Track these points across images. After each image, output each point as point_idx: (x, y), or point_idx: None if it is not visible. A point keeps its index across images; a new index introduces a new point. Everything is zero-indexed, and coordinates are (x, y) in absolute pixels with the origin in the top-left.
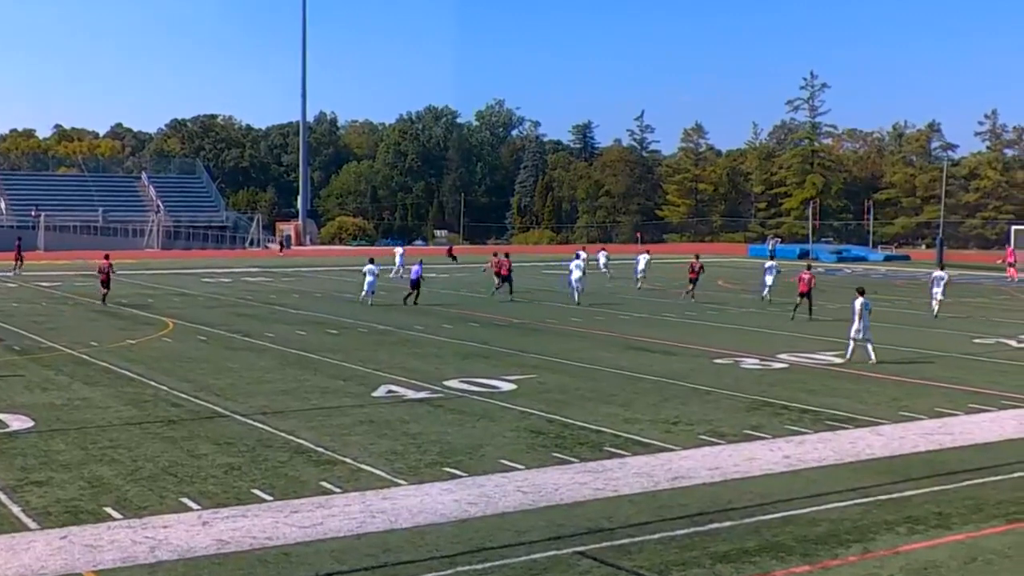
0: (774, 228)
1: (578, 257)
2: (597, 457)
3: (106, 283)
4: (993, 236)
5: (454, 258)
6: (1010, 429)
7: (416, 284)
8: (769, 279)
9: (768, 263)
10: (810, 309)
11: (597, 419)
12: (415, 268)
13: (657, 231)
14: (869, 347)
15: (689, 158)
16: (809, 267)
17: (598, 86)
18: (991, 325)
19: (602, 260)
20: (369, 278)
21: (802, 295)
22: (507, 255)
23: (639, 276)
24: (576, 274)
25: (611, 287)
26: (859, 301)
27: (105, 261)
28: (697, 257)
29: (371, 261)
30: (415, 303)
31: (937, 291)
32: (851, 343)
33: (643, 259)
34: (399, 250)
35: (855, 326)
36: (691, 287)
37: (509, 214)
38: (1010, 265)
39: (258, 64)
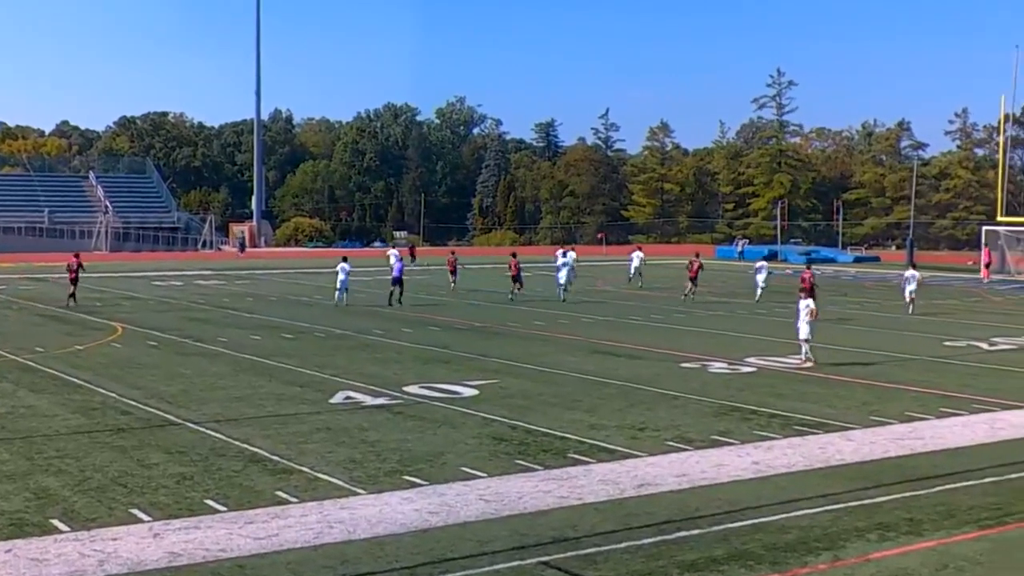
0: (742, 229)
1: (565, 255)
2: (561, 464)
3: (75, 281)
4: (964, 237)
5: (413, 258)
6: (981, 433)
7: (398, 281)
8: (760, 279)
9: (758, 263)
10: (694, 292)
11: (561, 425)
12: (397, 265)
13: (623, 232)
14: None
15: (655, 157)
16: (809, 265)
17: (562, 83)
18: (962, 327)
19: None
20: (341, 276)
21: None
22: (514, 255)
23: (632, 275)
24: (563, 272)
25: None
26: (806, 302)
27: (75, 260)
28: (697, 256)
29: (344, 260)
30: (399, 302)
31: (910, 289)
32: (804, 345)
33: (637, 257)
34: (393, 251)
35: (802, 325)
36: (691, 286)
37: (470, 215)
38: (985, 266)
39: (210, 60)
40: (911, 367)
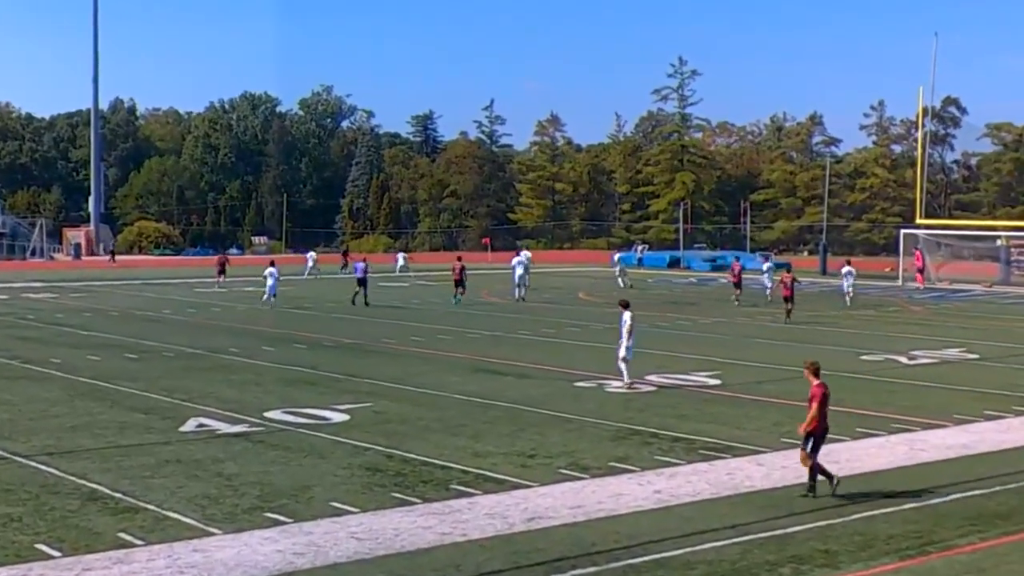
0: (641, 233)
1: (519, 254)
2: (443, 497)
3: None
4: (881, 241)
5: (223, 273)
6: (901, 455)
7: (362, 282)
8: (768, 280)
9: (765, 265)
10: (790, 312)
11: (443, 453)
12: (359, 265)
13: (510, 236)
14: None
15: (545, 154)
16: (789, 270)
17: (440, 72)
18: (880, 340)
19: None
20: (270, 281)
21: (786, 299)
22: (459, 258)
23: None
24: (519, 271)
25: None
26: (627, 315)
27: None
28: (738, 258)
29: (272, 264)
30: (366, 303)
31: (848, 284)
32: (623, 365)
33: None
34: (312, 254)
35: (625, 344)
36: (739, 291)
37: (339, 218)
38: (919, 271)
39: (41, 43)
40: (826, 383)
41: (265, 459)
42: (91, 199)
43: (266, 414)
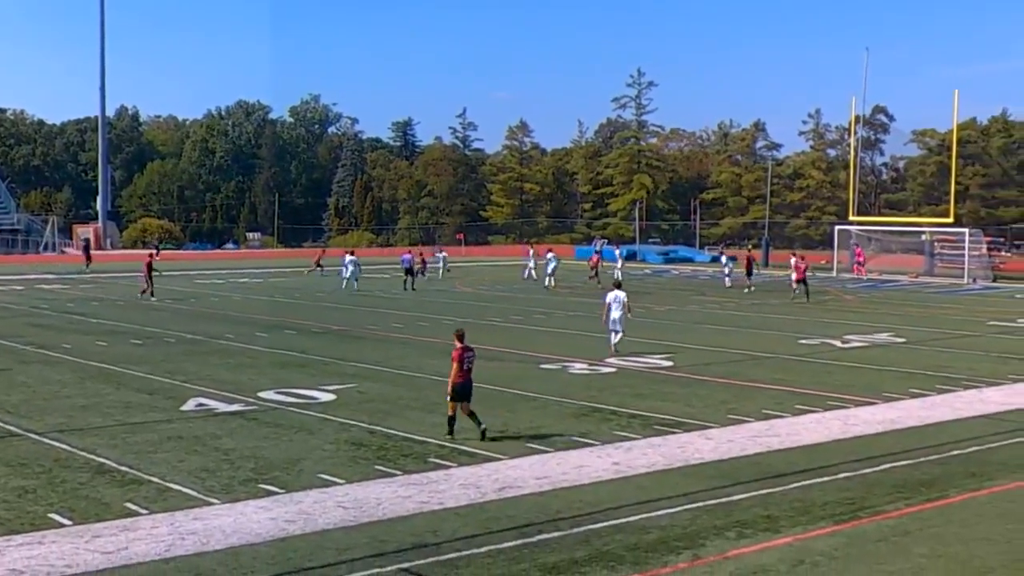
0: (601, 229)
1: (549, 253)
2: (421, 469)
3: None
4: (817, 237)
5: (320, 267)
6: (836, 430)
7: (408, 271)
8: (727, 270)
9: (724, 257)
10: (807, 293)
11: (421, 429)
12: (405, 256)
13: (481, 232)
14: (614, 337)
15: (514, 157)
16: (803, 257)
17: (419, 82)
18: (816, 325)
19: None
20: (351, 268)
21: (799, 282)
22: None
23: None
24: (552, 265)
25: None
26: (611, 295)
27: None
28: (802, 257)
29: (351, 253)
30: (412, 288)
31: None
32: (610, 334)
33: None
34: (406, 256)
35: (612, 316)
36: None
37: (326, 215)
38: (859, 264)
39: (52, 54)
40: (767, 365)
41: (259, 435)
42: (99, 198)
43: (260, 394)
